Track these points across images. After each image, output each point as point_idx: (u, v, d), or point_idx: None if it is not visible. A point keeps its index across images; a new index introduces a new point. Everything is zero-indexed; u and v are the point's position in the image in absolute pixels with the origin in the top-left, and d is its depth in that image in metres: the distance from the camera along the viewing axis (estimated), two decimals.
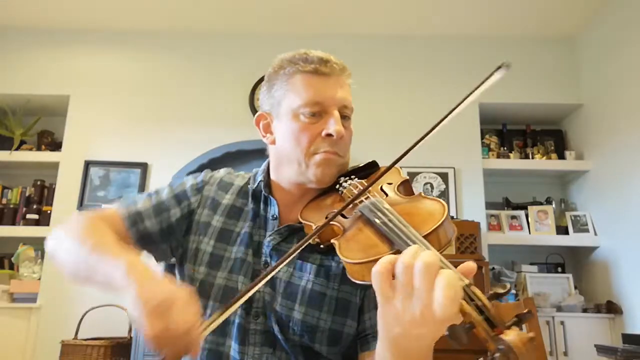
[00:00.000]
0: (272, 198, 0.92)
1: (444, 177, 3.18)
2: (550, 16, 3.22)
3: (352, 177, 0.88)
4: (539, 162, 3.30)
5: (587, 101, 3.27)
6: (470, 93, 0.72)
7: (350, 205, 0.75)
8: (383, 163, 0.94)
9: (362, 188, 0.77)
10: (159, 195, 0.95)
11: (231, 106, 3.33)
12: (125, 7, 3.25)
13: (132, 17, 3.36)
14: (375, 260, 0.57)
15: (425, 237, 0.60)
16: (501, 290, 0.52)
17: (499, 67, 0.73)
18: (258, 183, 0.94)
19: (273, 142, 0.92)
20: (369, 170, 0.91)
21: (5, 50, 3.43)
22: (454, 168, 3.19)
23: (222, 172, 1.01)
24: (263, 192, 0.93)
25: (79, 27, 3.45)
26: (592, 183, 3.19)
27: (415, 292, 0.51)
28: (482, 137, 3.35)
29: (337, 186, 0.87)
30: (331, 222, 0.74)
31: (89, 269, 0.74)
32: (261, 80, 3.45)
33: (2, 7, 3.27)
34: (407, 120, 3.31)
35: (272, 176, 0.94)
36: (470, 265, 0.53)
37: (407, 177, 0.84)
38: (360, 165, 0.92)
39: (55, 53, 3.44)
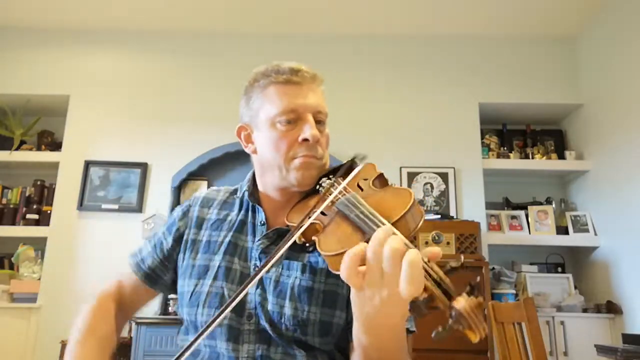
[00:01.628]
0: (258, 206, 0.97)
1: (444, 177, 3.19)
2: (550, 16, 3.22)
3: (331, 176, 0.92)
4: (539, 162, 3.30)
5: (587, 101, 3.28)
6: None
7: (330, 203, 0.79)
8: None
9: (338, 186, 0.82)
10: (156, 235, 1.05)
11: (231, 106, 3.29)
12: (125, 7, 3.25)
13: (132, 17, 3.36)
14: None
15: (394, 223, 0.64)
16: (454, 264, 0.57)
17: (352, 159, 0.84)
18: (243, 192, 1.00)
19: (255, 152, 0.97)
20: (347, 169, 0.95)
21: (5, 50, 3.43)
22: (454, 168, 3.19)
23: (204, 192, 1.07)
24: (249, 200, 0.98)
25: (79, 27, 3.45)
26: (592, 183, 3.19)
27: (385, 276, 0.57)
28: (482, 137, 3.35)
29: (318, 187, 0.91)
30: (312, 221, 0.79)
31: None
32: None
33: (2, 7, 3.27)
34: (407, 120, 3.31)
35: (258, 184, 0.99)
36: (436, 250, 0.58)
37: (382, 172, 0.87)
38: (339, 165, 0.97)
39: (55, 53, 3.44)
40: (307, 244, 0.82)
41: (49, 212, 3.16)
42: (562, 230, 3.14)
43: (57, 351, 2.51)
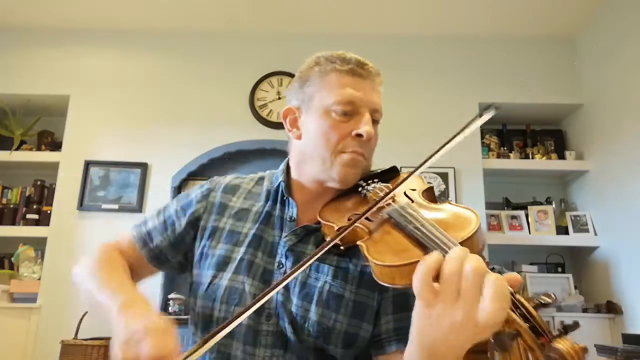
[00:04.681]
0: (291, 200, 0.91)
1: (444, 177, 3.18)
2: (550, 16, 3.22)
3: (375, 180, 0.87)
4: (539, 162, 3.30)
5: (587, 101, 3.27)
6: (465, 128, 0.76)
7: (376, 209, 0.74)
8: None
9: (387, 191, 0.76)
10: (167, 211, 0.97)
11: (231, 106, 3.33)
12: (125, 6, 3.25)
13: (132, 17, 3.36)
14: (409, 265, 0.57)
15: (460, 244, 0.59)
16: (547, 300, 0.51)
17: (489, 107, 0.76)
18: (278, 184, 0.93)
19: (299, 137, 0.91)
20: (389, 175, 0.91)
21: (5, 50, 3.43)
22: (454, 168, 3.19)
23: (228, 178, 1.01)
24: (284, 193, 0.92)
25: (79, 27, 3.45)
26: (592, 183, 3.19)
27: (462, 297, 0.51)
28: (482, 137, 3.35)
29: (360, 189, 0.86)
30: (355, 224, 0.74)
31: (96, 302, 0.80)
32: (261, 80, 3.46)
33: (2, 7, 3.27)
34: (406, 120, 3.31)
35: (293, 174, 0.93)
36: (516, 276, 0.53)
37: (431, 184, 0.84)
38: (381, 170, 0.92)
39: (55, 53, 3.44)
40: (342, 247, 0.77)
41: (49, 212, 3.16)
42: (562, 230, 3.14)
43: (57, 351, 2.50)
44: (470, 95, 3.34)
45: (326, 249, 0.67)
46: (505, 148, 3.40)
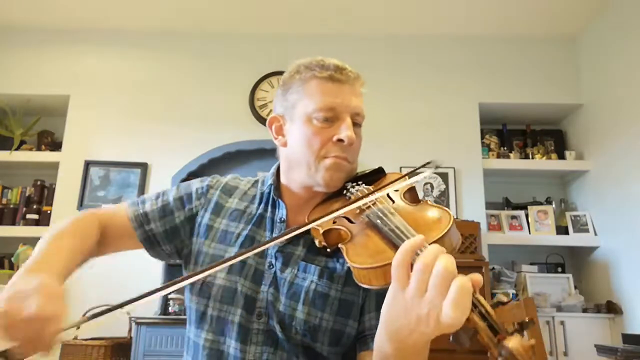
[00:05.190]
0: (280, 201, 0.94)
1: (444, 177, 3.18)
2: (550, 16, 3.22)
3: (360, 182, 0.90)
4: (539, 162, 3.30)
5: (587, 101, 3.27)
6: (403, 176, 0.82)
7: (358, 211, 0.77)
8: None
9: (368, 193, 0.80)
10: (166, 197, 0.99)
11: (231, 106, 3.33)
12: (125, 6, 3.25)
13: (132, 17, 3.36)
14: (382, 267, 0.60)
15: (431, 244, 0.61)
16: (504, 299, 0.54)
17: (428, 163, 0.81)
18: (268, 186, 0.97)
19: (285, 145, 0.94)
20: (375, 176, 0.93)
21: (5, 50, 3.43)
22: (454, 168, 3.19)
23: (227, 177, 1.04)
24: (272, 195, 0.95)
25: (79, 27, 3.45)
26: (592, 183, 3.19)
27: (428, 291, 0.54)
28: (482, 137, 3.35)
29: (345, 191, 0.89)
30: (338, 227, 0.77)
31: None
32: (261, 80, 3.45)
33: (2, 7, 3.27)
34: (407, 120, 3.31)
35: (282, 179, 0.96)
36: (477, 277, 0.55)
37: (413, 184, 0.86)
38: (367, 171, 0.94)
39: (55, 53, 3.44)
40: (328, 249, 0.79)
41: (49, 212, 3.16)
42: (562, 230, 3.14)
43: (56, 351, 2.50)
44: (470, 95, 3.35)
45: (300, 230, 0.73)
46: (505, 148, 3.40)
